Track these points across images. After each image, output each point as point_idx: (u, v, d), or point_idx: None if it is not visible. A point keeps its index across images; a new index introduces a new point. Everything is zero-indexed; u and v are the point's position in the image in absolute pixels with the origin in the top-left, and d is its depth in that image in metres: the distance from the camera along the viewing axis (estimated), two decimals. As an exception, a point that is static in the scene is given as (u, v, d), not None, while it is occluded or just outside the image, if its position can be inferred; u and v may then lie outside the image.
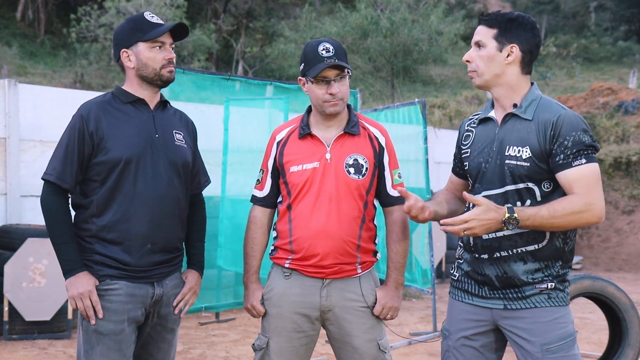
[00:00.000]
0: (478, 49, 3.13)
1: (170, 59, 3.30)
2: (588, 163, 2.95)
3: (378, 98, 25.56)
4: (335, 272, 3.39)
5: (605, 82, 20.91)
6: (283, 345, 3.43)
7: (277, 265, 3.51)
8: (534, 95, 3.11)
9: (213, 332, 7.73)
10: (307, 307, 3.41)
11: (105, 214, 3.21)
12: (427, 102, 8.96)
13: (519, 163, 3.02)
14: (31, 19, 33.23)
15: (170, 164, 3.30)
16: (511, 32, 3.07)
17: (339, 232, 3.35)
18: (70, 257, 3.20)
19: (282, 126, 3.61)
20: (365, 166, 3.42)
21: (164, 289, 3.33)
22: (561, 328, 3.05)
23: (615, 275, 13.07)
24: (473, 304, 3.23)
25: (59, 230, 3.22)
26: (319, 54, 3.31)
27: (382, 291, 3.51)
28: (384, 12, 25.51)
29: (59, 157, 3.21)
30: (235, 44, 33.62)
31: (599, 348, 7.09)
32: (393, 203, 3.52)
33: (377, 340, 3.47)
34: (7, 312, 6.99)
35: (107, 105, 3.28)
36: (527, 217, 2.91)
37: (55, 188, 3.20)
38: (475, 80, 3.18)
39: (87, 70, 26.97)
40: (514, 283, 3.08)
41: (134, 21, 3.31)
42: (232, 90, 7.58)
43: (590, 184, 2.94)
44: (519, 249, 3.06)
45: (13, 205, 8.11)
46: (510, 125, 3.11)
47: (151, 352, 3.43)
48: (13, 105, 8.12)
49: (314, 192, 3.37)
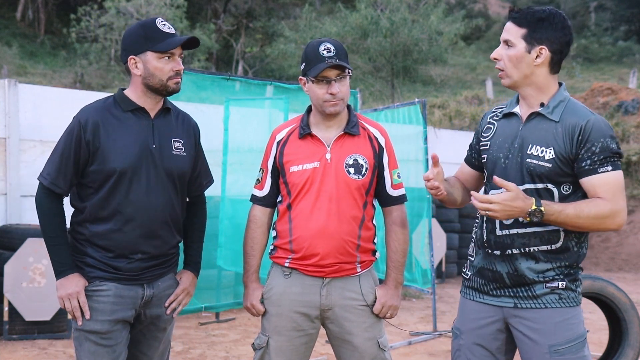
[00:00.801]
0: (507, 48, 3.09)
1: (178, 71, 3.26)
2: (614, 170, 2.95)
3: (378, 98, 25.55)
4: (335, 271, 3.40)
5: (605, 82, 20.96)
6: (283, 344, 3.43)
7: (277, 264, 3.51)
8: (562, 97, 3.08)
9: (213, 332, 7.73)
10: (307, 305, 3.42)
11: (98, 221, 3.23)
12: (427, 102, 8.97)
13: (540, 163, 3.00)
14: (31, 19, 33.25)
15: (166, 174, 3.29)
16: (541, 32, 3.01)
17: (338, 232, 3.36)
18: (61, 259, 3.24)
19: (282, 126, 3.61)
20: (365, 166, 3.43)
21: (154, 290, 3.35)
22: (570, 329, 3.04)
23: (615, 275, 13.06)
24: (484, 302, 3.22)
25: (51, 232, 3.25)
26: (320, 54, 3.32)
27: (382, 290, 3.52)
28: (384, 12, 25.52)
29: (54, 162, 3.23)
30: (235, 44, 33.62)
31: (599, 348, 7.07)
32: (392, 203, 3.54)
33: (377, 338, 3.48)
34: (7, 312, 7.00)
35: (106, 113, 3.25)
36: (553, 213, 2.90)
37: (49, 191, 3.23)
38: (504, 81, 3.15)
39: (87, 70, 26.99)
40: (524, 281, 3.07)
41: (145, 28, 3.24)
42: (232, 90, 7.59)
43: (616, 191, 2.94)
44: (532, 248, 3.05)
45: (13, 205, 8.11)
46: (534, 123, 3.08)
47: (143, 350, 3.46)
48: (13, 105, 8.12)
49: (314, 191, 3.38)
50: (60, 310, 7.09)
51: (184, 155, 3.38)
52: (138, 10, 25.05)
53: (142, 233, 3.24)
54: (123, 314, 3.26)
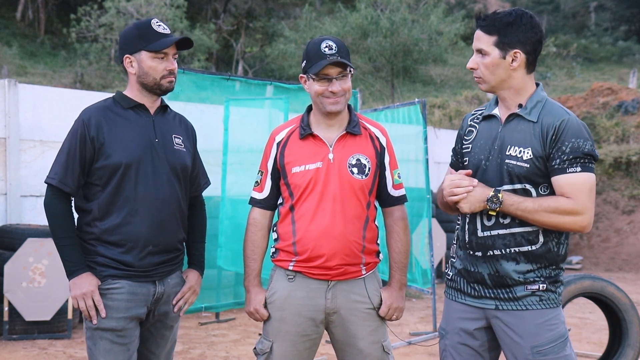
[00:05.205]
0: (481, 57, 3.11)
1: (172, 70, 3.33)
2: (583, 172, 2.96)
3: (378, 98, 25.60)
4: (341, 274, 3.37)
5: (605, 82, 20.94)
6: (287, 350, 3.40)
7: (280, 267, 3.46)
8: (539, 97, 3.11)
9: (213, 332, 7.75)
10: (312, 310, 3.39)
11: (107, 217, 3.27)
12: (427, 102, 8.99)
13: (518, 163, 3.03)
14: (31, 19, 33.29)
15: (170, 167, 3.35)
16: (511, 36, 3.03)
17: (344, 233, 3.33)
18: (73, 259, 3.26)
19: (281, 127, 3.58)
20: (368, 166, 3.41)
21: (165, 287, 3.38)
22: (552, 330, 3.07)
23: (615, 275, 13.09)
24: (466, 303, 3.25)
25: (62, 233, 3.27)
26: (321, 51, 3.30)
27: (387, 292, 3.50)
28: (384, 12, 25.53)
29: (61, 162, 3.27)
30: (235, 44, 33.65)
31: (599, 348, 7.10)
32: (394, 203, 3.52)
33: (382, 342, 3.46)
34: (7, 312, 7.03)
35: (108, 111, 3.33)
36: (512, 203, 2.97)
37: (58, 192, 3.26)
38: (482, 86, 3.18)
39: (87, 70, 27.04)
40: (505, 282, 3.10)
41: (140, 28, 3.33)
42: (232, 90, 7.59)
43: (581, 191, 2.96)
44: (512, 249, 3.08)
45: (13, 205, 8.13)
46: (513, 125, 3.11)
47: (150, 348, 3.48)
48: (13, 105, 8.15)
49: (318, 192, 3.35)
50: (60, 310, 7.12)
51: (184, 151, 3.45)
52: (138, 10, 25.07)
53: (151, 224, 3.27)
54: (137, 310, 3.29)
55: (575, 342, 7.13)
